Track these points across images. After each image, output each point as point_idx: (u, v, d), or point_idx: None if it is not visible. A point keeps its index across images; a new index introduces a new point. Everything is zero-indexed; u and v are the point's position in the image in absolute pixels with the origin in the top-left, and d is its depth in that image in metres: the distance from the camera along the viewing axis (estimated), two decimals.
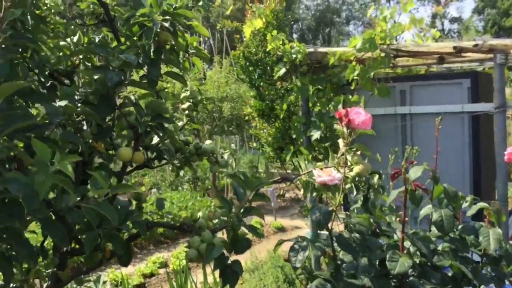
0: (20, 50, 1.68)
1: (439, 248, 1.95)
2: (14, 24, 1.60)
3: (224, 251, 1.74)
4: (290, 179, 2.11)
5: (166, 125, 1.86)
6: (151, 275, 6.42)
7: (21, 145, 1.52)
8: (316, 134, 4.27)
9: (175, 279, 4.61)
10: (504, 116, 3.49)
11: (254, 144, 5.88)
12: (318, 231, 4.44)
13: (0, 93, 1.14)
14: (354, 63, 3.93)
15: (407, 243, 1.99)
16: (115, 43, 2.04)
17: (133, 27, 1.83)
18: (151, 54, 1.81)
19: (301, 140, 4.66)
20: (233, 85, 9.91)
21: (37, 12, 1.87)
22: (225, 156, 2.50)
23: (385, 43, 3.80)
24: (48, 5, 2.36)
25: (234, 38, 4.76)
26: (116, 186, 1.39)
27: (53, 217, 1.48)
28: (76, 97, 1.72)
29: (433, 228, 1.96)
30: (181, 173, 2.56)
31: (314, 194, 2.10)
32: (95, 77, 1.76)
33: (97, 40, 1.96)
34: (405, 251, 1.93)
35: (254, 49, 4.49)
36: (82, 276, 2.04)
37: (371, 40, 3.75)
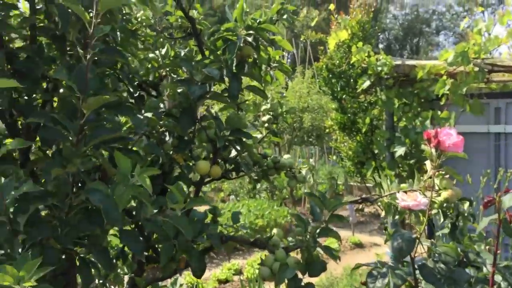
0: (111, 63, 1.76)
1: None
2: (105, 38, 1.68)
3: (298, 272, 1.70)
4: (370, 200, 2.01)
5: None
6: (226, 281, 6.49)
7: (106, 154, 1.58)
8: (400, 151, 4.09)
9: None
10: None
11: (334, 157, 5.75)
12: None
13: (88, 106, 1.19)
14: (445, 77, 3.72)
15: (497, 277, 1.81)
16: (199, 56, 2.07)
17: (217, 41, 1.85)
18: (233, 68, 1.82)
19: (384, 155, 4.49)
20: (314, 95, 9.83)
21: (129, 26, 1.95)
22: (303, 172, 2.46)
23: (479, 57, 3.56)
24: (139, 19, 2.47)
25: (318, 49, 4.70)
26: (192, 200, 1.39)
27: (132, 227, 1.51)
28: (160, 109, 1.76)
29: None
30: (257, 185, 2.56)
31: (397, 217, 2.00)
32: (179, 90, 1.79)
33: (182, 53, 2.00)
34: (495, 286, 1.77)
35: (337, 61, 4.40)
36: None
37: (463, 54, 3.53)
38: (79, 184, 1.38)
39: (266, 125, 2.55)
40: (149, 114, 1.63)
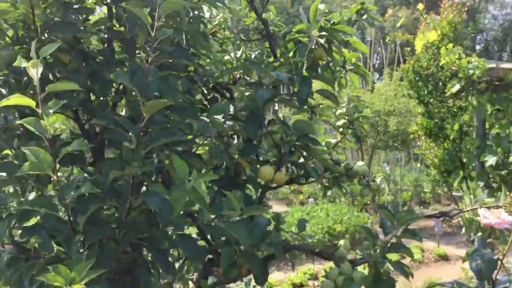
0: (182, 65, 1.77)
1: None
2: (175, 41, 1.69)
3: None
4: (449, 215, 1.85)
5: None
6: (300, 285, 6.41)
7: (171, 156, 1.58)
8: (491, 160, 3.78)
9: None
10: None
11: (419, 165, 5.44)
12: None
13: (147, 109, 1.18)
14: None
15: None
16: (272, 59, 2.03)
17: (288, 43, 1.79)
18: (303, 71, 1.75)
19: (473, 165, 4.17)
20: (402, 98, 9.41)
21: (204, 29, 1.95)
22: (378, 180, 2.32)
23: None
24: (217, 21, 2.48)
25: (405, 51, 4.47)
26: (249, 207, 1.35)
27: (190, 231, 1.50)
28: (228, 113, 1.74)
29: None
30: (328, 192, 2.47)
31: (479, 234, 1.82)
32: (246, 93, 1.76)
33: (253, 56, 1.97)
34: None
35: (425, 63, 4.15)
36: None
37: None
38: (141, 186, 1.40)
39: (341, 129, 2.45)
40: (218, 117, 1.61)
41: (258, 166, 1.81)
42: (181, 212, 1.33)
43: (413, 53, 4.45)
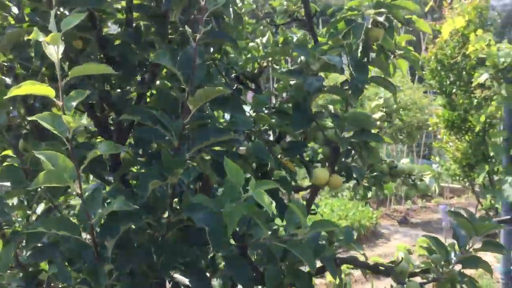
0: (213, 50, 1.49)
1: None
2: (209, 21, 1.41)
3: None
4: None
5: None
6: None
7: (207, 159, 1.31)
8: None
9: None
10: None
11: (437, 159, 5.20)
12: None
13: (195, 101, 0.91)
14: None
15: None
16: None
17: (338, 23, 1.52)
18: (358, 54, 1.48)
19: (500, 159, 3.93)
20: (408, 90, 9.15)
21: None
22: (426, 179, 2.07)
23: None
24: (239, 4, 2.21)
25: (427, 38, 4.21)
26: (318, 224, 1.08)
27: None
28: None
29: None
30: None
31: None
32: (291, 82, 1.49)
33: (295, 39, 1.69)
34: None
35: (449, 51, 3.89)
36: None
37: None
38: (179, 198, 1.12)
39: (378, 123, 2.18)
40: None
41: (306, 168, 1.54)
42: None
43: (434, 41, 4.19)
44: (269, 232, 1.09)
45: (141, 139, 1.10)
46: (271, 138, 1.65)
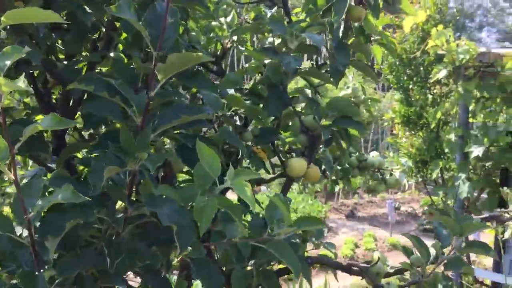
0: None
1: None
2: None
3: None
4: (502, 220, 1.52)
5: None
6: None
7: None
8: (477, 151, 3.56)
9: None
10: None
11: (391, 154, 5.21)
12: None
13: (166, 69, 0.73)
14: None
15: None
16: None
17: None
18: (340, 34, 1.34)
19: (453, 156, 3.97)
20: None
21: None
22: (396, 174, 1.98)
23: None
24: None
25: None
26: (303, 222, 0.93)
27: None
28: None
29: None
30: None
31: None
32: (266, 61, 1.33)
33: (269, 14, 1.53)
34: None
35: (409, 46, 3.87)
36: None
37: None
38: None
39: None
40: (231, 91, 1.17)
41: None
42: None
43: (393, 36, 4.16)
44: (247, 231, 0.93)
45: (91, 116, 0.90)
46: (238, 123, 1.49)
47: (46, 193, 0.83)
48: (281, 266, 1.45)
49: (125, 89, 0.77)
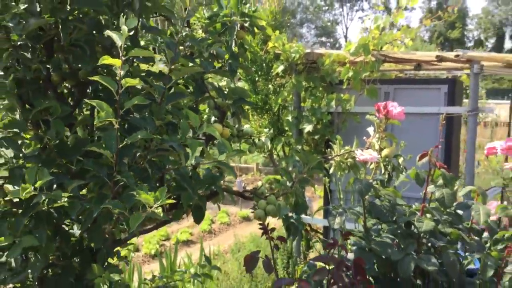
0: None
1: None
2: None
3: None
4: (327, 158, 2.55)
5: None
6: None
7: None
8: (308, 127, 4.73)
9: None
10: (475, 119, 4.10)
11: None
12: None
13: (177, 73, 1.51)
14: (348, 65, 4.42)
15: None
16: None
17: (215, 24, 2.20)
18: (233, 48, 2.20)
19: (291, 132, 5.09)
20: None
21: None
22: (263, 138, 2.91)
23: (376, 49, 4.32)
24: None
25: None
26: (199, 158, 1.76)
27: None
28: None
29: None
30: None
31: (346, 172, 2.53)
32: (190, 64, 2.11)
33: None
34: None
35: (254, 46, 4.88)
36: None
37: (365, 46, 4.25)
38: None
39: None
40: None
41: None
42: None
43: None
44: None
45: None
46: None
47: None
48: None
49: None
